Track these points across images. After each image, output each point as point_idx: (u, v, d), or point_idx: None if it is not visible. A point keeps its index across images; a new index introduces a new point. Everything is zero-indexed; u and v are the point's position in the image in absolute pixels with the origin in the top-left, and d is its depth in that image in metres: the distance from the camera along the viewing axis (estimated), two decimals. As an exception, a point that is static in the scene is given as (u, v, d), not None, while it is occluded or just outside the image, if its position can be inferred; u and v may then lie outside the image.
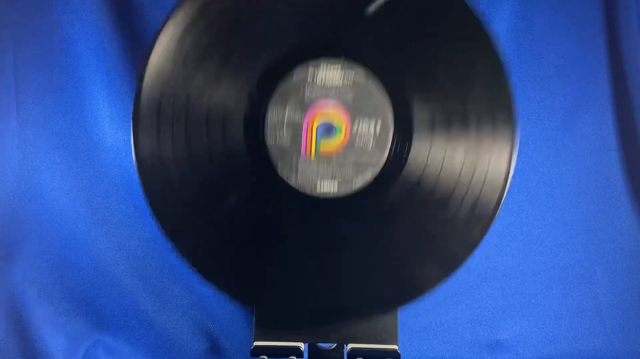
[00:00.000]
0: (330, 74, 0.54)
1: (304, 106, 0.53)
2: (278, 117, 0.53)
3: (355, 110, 0.54)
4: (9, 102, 0.72)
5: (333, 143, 0.54)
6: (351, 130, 0.54)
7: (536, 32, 0.74)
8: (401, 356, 0.59)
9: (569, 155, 0.75)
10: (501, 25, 0.73)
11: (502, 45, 0.73)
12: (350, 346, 0.58)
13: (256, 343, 0.59)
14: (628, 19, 0.72)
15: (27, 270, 0.74)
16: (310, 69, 0.54)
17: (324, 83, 0.54)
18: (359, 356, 0.59)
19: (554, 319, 0.75)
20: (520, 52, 0.74)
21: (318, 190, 0.53)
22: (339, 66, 0.54)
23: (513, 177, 0.74)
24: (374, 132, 0.54)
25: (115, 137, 0.74)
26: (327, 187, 0.53)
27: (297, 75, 0.54)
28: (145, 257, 0.75)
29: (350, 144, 0.54)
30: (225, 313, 0.75)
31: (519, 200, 0.75)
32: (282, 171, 0.53)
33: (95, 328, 0.75)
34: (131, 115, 0.53)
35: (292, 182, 0.53)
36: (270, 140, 0.53)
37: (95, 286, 0.75)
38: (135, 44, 0.72)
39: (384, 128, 0.54)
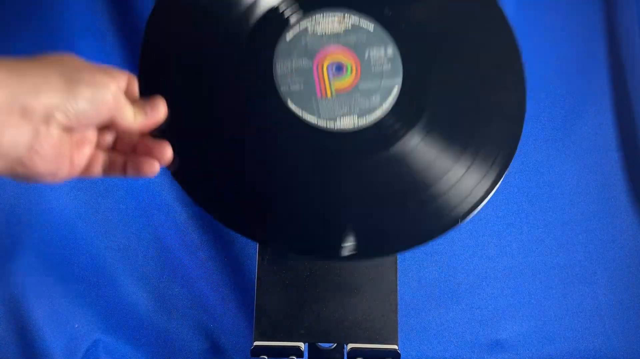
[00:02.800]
0: (328, 23, 0.56)
1: (310, 53, 0.55)
2: (286, 68, 0.55)
3: (361, 46, 0.56)
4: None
5: (346, 80, 0.55)
6: (362, 60, 0.55)
7: (536, 32, 0.74)
8: (401, 356, 0.59)
9: (569, 155, 0.75)
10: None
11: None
12: (350, 346, 0.59)
13: (256, 343, 0.59)
14: (628, 19, 0.72)
15: (27, 270, 0.74)
16: (309, 21, 0.56)
17: (324, 33, 0.56)
18: (359, 356, 0.59)
19: (554, 319, 0.75)
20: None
21: (338, 126, 0.54)
22: (336, 15, 0.56)
23: (513, 177, 0.75)
24: (384, 54, 0.56)
25: (115, 137, 0.74)
26: (347, 122, 0.54)
27: (296, 29, 0.56)
28: (145, 257, 0.75)
29: (365, 70, 0.55)
30: (225, 313, 0.75)
31: (519, 200, 0.75)
32: (302, 112, 0.54)
33: (95, 328, 0.75)
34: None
35: (314, 122, 0.54)
36: (283, 88, 0.55)
37: (96, 286, 0.75)
38: (135, 45, 0.72)
39: (395, 51, 0.56)
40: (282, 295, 0.60)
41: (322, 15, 0.56)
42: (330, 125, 0.54)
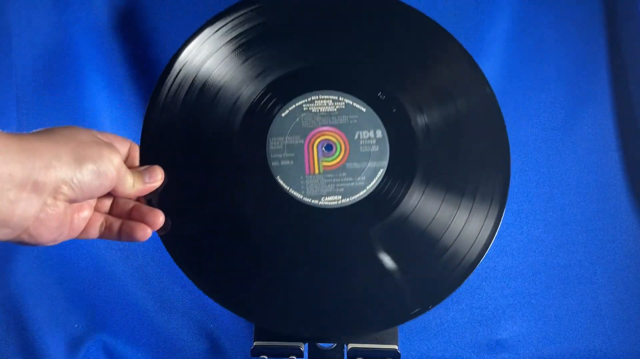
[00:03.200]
0: (323, 102, 0.59)
1: (303, 132, 0.58)
2: (278, 143, 0.58)
3: (352, 127, 0.58)
4: (9, 102, 0.72)
5: (335, 159, 0.58)
6: (351, 140, 0.58)
7: (536, 32, 0.74)
8: (401, 356, 0.59)
9: (569, 155, 0.75)
10: (501, 25, 0.73)
11: (502, 45, 0.74)
12: (351, 346, 0.58)
13: (256, 343, 0.59)
14: (628, 19, 0.72)
15: (27, 270, 0.74)
16: (305, 101, 0.59)
17: (318, 111, 0.59)
18: (359, 356, 0.59)
19: (554, 319, 0.75)
20: (520, 52, 0.74)
21: (322, 204, 0.57)
22: (331, 96, 0.59)
23: (513, 177, 0.75)
24: (374, 136, 0.58)
25: (116, 137, 0.74)
26: (331, 200, 0.57)
27: (292, 106, 0.59)
28: (145, 257, 0.75)
29: (354, 151, 0.58)
30: (225, 313, 0.75)
31: (519, 200, 0.75)
32: (290, 189, 0.57)
33: (95, 328, 0.75)
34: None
35: (299, 197, 0.57)
36: (274, 163, 0.57)
37: (95, 286, 0.75)
38: (135, 44, 0.73)
39: (384, 134, 0.58)
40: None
41: (317, 95, 0.59)
42: (314, 201, 0.57)
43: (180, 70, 0.57)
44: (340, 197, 0.57)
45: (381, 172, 0.57)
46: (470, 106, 0.59)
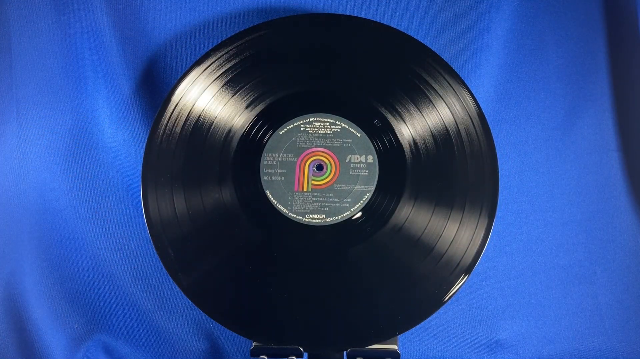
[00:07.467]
0: (320, 124, 0.61)
1: (297, 151, 0.60)
2: (272, 159, 0.60)
3: (345, 150, 0.60)
4: (9, 102, 0.72)
5: (324, 179, 0.60)
6: (342, 162, 0.60)
7: (536, 32, 0.74)
8: (401, 356, 0.59)
9: (569, 155, 0.75)
10: (501, 25, 0.73)
11: (502, 45, 0.74)
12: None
13: (256, 343, 0.59)
14: (628, 18, 0.72)
15: (27, 270, 0.74)
16: (303, 122, 0.61)
17: (315, 132, 0.61)
18: (359, 356, 0.59)
19: (554, 319, 0.75)
20: (520, 52, 0.74)
21: (306, 221, 0.59)
22: (329, 119, 0.61)
23: (513, 177, 0.75)
24: (365, 161, 0.60)
25: (115, 137, 0.74)
26: (315, 218, 0.59)
27: (290, 125, 0.61)
28: (145, 257, 0.75)
29: (343, 173, 0.60)
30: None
31: (519, 200, 0.75)
32: (277, 204, 0.59)
33: (95, 328, 0.75)
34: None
35: (285, 213, 0.59)
36: (265, 178, 0.60)
37: (95, 286, 0.75)
38: (135, 44, 0.72)
39: (374, 160, 0.60)
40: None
41: (315, 117, 0.61)
42: (299, 218, 0.59)
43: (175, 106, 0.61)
44: (324, 216, 0.59)
45: (367, 196, 0.59)
46: (461, 131, 0.61)
